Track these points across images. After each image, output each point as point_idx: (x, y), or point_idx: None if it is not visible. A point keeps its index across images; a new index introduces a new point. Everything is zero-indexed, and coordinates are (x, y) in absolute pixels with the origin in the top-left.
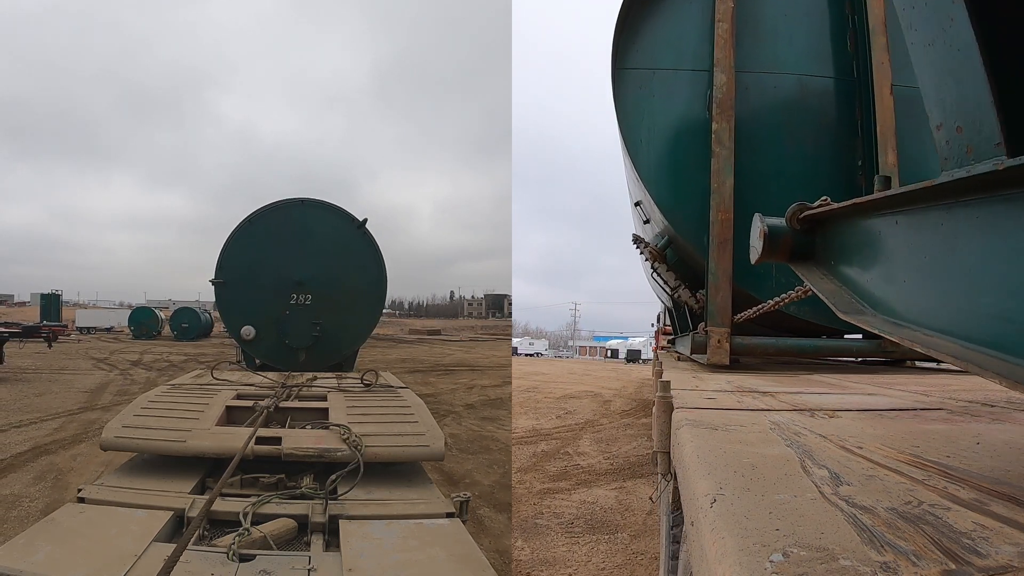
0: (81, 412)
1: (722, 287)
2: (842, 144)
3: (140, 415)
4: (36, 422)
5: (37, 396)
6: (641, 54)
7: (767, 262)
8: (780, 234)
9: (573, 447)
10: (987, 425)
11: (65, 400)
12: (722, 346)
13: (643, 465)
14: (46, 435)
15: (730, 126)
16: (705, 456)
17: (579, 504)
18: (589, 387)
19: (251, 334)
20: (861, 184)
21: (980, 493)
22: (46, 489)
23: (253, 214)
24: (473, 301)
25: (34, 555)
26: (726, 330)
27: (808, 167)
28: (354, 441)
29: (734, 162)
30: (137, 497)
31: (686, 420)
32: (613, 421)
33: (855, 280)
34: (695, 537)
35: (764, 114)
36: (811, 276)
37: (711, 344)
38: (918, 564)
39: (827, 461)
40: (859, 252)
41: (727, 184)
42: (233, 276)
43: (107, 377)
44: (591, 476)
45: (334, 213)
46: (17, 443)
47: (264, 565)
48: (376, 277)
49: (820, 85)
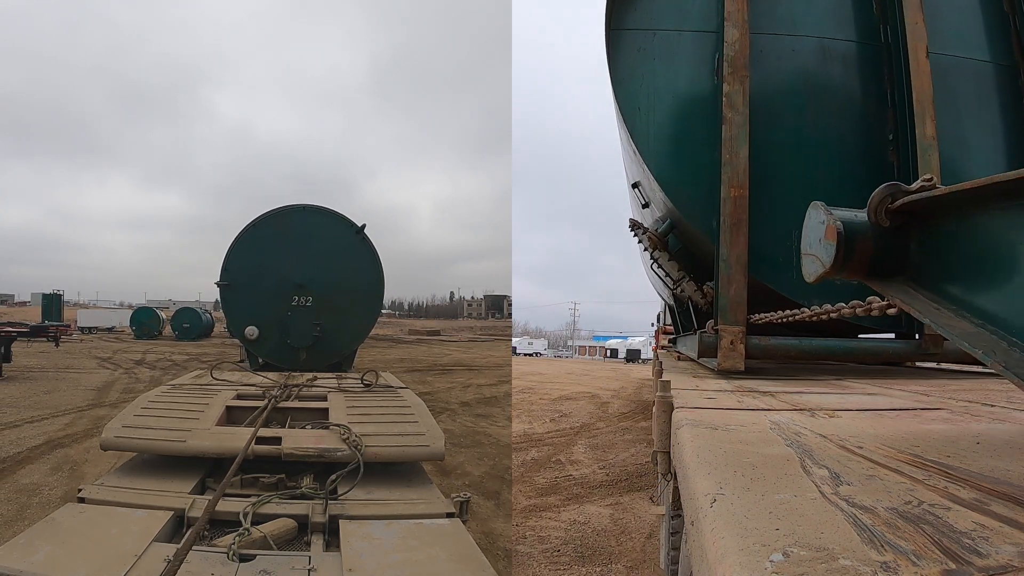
0: (90, 409)
1: (735, 278)
2: (870, 115)
3: (140, 415)
4: (47, 418)
5: (46, 393)
6: (640, 14)
7: (835, 278)
8: (859, 234)
9: (566, 454)
10: (988, 425)
11: (73, 397)
12: (736, 349)
13: (642, 476)
14: (58, 430)
15: (744, 88)
16: (705, 456)
17: (568, 525)
18: (587, 388)
19: (255, 334)
20: (893, 161)
21: (980, 493)
22: (63, 479)
23: (257, 219)
24: (473, 302)
25: (34, 555)
26: (740, 329)
27: (832, 141)
28: (354, 441)
29: (749, 131)
30: (137, 497)
31: (686, 420)
32: (610, 425)
33: (1001, 315)
34: (695, 537)
35: (781, 80)
36: (917, 305)
37: (722, 346)
38: (918, 564)
39: (827, 461)
40: (1006, 265)
41: (741, 155)
42: (238, 278)
43: (112, 376)
44: (584, 490)
45: (334, 218)
46: (31, 437)
47: (264, 565)
48: (374, 279)
49: (843, 49)
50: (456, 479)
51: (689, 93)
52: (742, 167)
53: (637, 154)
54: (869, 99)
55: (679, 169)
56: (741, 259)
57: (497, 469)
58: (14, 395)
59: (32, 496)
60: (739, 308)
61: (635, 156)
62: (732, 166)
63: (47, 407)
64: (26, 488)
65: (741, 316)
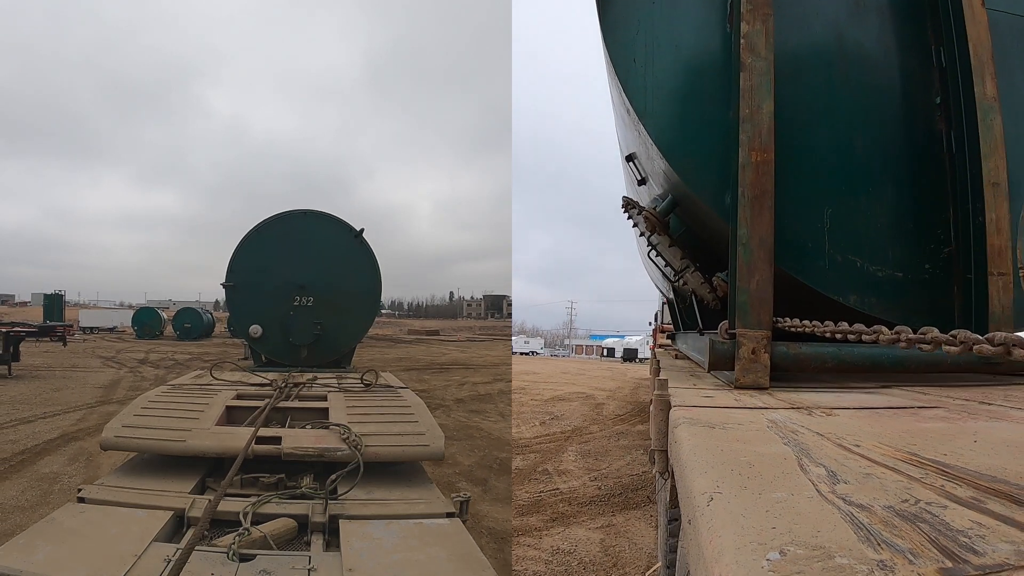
0: (99, 405)
1: (758, 266)
2: (912, 76)
3: (140, 415)
4: (59, 414)
5: (55, 391)
6: None
7: None
8: None
9: (554, 463)
10: (984, 423)
11: (82, 395)
12: (758, 359)
13: (639, 489)
14: (71, 424)
15: (767, 28)
16: (702, 454)
17: (550, 556)
18: (581, 388)
19: (259, 332)
20: (941, 129)
21: (977, 491)
22: (80, 468)
23: (261, 223)
24: (472, 302)
25: (34, 555)
26: (765, 334)
27: (868, 106)
28: (354, 441)
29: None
30: (137, 497)
31: (683, 418)
32: (604, 428)
33: None
34: (692, 535)
35: (808, 32)
36: None
37: (741, 356)
38: (915, 562)
39: (824, 459)
40: None
41: (764, 111)
42: (242, 279)
43: (118, 374)
44: (572, 507)
45: (334, 223)
46: (46, 431)
47: (264, 565)
48: (371, 281)
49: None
50: (448, 468)
51: (697, 42)
52: (765, 125)
53: (632, 115)
54: (912, 57)
55: (684, 131)
56: (766, 242)
57: (486, 459)
58: (25, 393)
59: (53, 483)
60: (763, 306)
61: (630, 119)
62: (753, 124)
63: (58, 404)
64: (47, 476)
65: (766, 317)
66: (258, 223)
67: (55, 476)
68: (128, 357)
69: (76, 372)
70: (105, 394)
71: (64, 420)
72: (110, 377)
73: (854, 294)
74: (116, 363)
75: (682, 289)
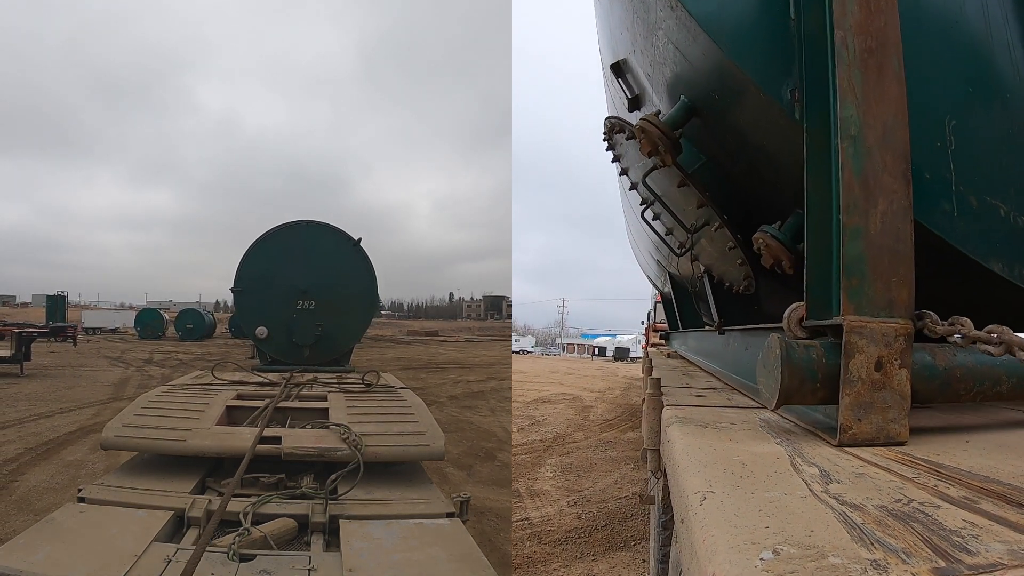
0: (111, 402)
1: (884, 184)
2: None
3: (140, 415)
4: (75, 409)
5: (67, 389)
6: None
7: None
8: None
9: (527, 481)
10: (977, 423)
11: (94, 392)
12: (890, 380)
13: (628, 518)
14: (87, 419)
15: None
16: (695, 454)
17: None
18: (569, 388)
19: (264, 333)
20: None
21: (970, 491)
22: (102, 456)
23: (266, 233)
24: (472, 302)
25: (34, 555)
26: (904, 326)
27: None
28: (354, 441)
29: None
30: (137, 497)
31: (676, 417)
32: (590, 436)
33: None
34: (685, 535)
35: None
36: None
37: (853, 375)
38: (908, 562)
39: (817, 459)
40: None
41: None
42: (249, 284)
43: (125, 373)
44: (542, 547)
45: (334, 232)
46: (65, 425)
47: (264, 565)
48: (368, 285)
49: None
50: None
51: None
52: None
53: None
54: None
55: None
56: (895, 136)
57: (474, 449)
58: (39, 391)
59: (79, 469)
60: (899, 266)
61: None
62: None
63: (72, 400)
64: (72, 463)
65: (904, 292)
66: (264, 232)
67: (80, 463)
68: (134, 357)
69: (85, 371)
70: (116, 392)
71: (80, 415)
72: (118, 376)
73: (997, 258)
74: (123, 363)
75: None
